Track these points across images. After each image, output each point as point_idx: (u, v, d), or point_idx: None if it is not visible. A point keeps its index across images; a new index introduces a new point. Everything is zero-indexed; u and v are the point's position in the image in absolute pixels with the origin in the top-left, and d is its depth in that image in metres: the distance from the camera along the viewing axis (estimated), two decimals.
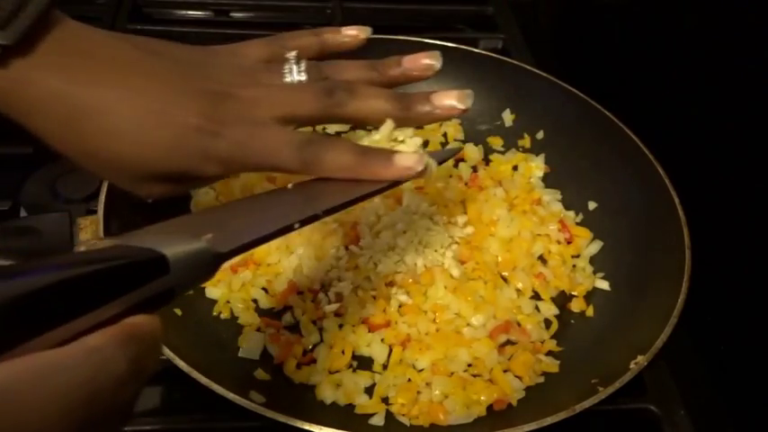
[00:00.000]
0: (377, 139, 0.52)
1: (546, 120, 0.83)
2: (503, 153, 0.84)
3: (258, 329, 0.64)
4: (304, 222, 0.43)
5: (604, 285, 0.71)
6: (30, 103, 0.43)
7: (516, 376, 0.62)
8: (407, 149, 0.51)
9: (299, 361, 0.62)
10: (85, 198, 0.71)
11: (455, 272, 0.69)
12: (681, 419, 0.59)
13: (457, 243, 0.73)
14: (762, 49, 0.69)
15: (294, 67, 0.51)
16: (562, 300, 0.70)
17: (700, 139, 0.78)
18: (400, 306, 0.66)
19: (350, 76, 0.52)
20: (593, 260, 0.73)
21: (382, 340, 0.64)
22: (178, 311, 0.63)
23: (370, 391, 0.61)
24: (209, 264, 0.35)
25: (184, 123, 0.44)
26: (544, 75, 0.83)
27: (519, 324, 0.66)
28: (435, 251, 0.71)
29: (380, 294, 0.67)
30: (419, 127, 0.84)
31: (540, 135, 0.84)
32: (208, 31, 1.02)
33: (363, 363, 0.63)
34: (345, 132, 0.84)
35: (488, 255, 0.72)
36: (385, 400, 0.60)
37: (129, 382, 0.29)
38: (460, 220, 0.74)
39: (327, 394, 0.60)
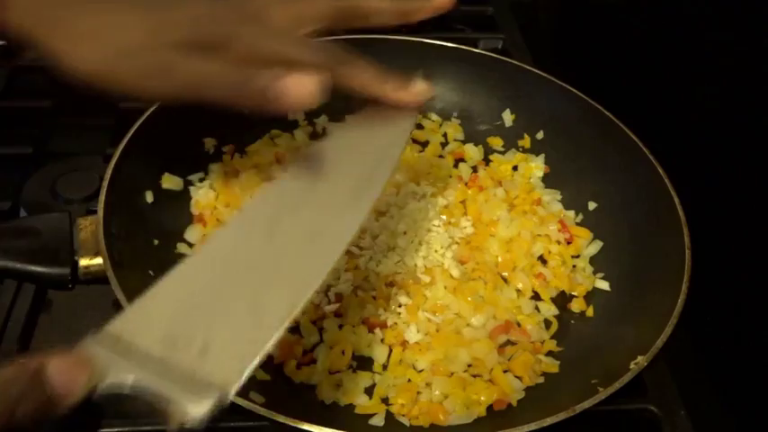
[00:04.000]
0: None
1: (546, 120, 0.83)
2: (503, 153, 0.84)
3: None
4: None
5: (604, 285, 0.71)
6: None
7: (516, 376, 0.62)
8: None
9: (299, 361, 0.62)
10: (85, 198, 0.71)
11: (455, 272, 0.69)
12: (681, 419, 0.59)
13: (457, 243, 0.73)
14: (762, 48, 0.69)
15: None
16: (562, 300, 0.70)
17: (700, 139, 0.78)
18: (400, 306, 0.66)
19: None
20: (593, 260, 0.73)
21: (382, 340, 0.64)
22: None
23: (370, 391, 0.61)
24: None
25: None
26: (544, 75, 0.83)
27: (519, 324, 0.66)
28: (435, 251, 0.71)
29: (380, 294, 0.67)
30: (418, 127, 0.85)
31: (540, 135, 0.84)
32: None
33: (363, 363, 0.63)
34: None
35: (488, 255, 0.72)
36: (385, 401, 0.60)
37: None
38: (461, 220, 0.74)
39: (327, 394, 0.60)
